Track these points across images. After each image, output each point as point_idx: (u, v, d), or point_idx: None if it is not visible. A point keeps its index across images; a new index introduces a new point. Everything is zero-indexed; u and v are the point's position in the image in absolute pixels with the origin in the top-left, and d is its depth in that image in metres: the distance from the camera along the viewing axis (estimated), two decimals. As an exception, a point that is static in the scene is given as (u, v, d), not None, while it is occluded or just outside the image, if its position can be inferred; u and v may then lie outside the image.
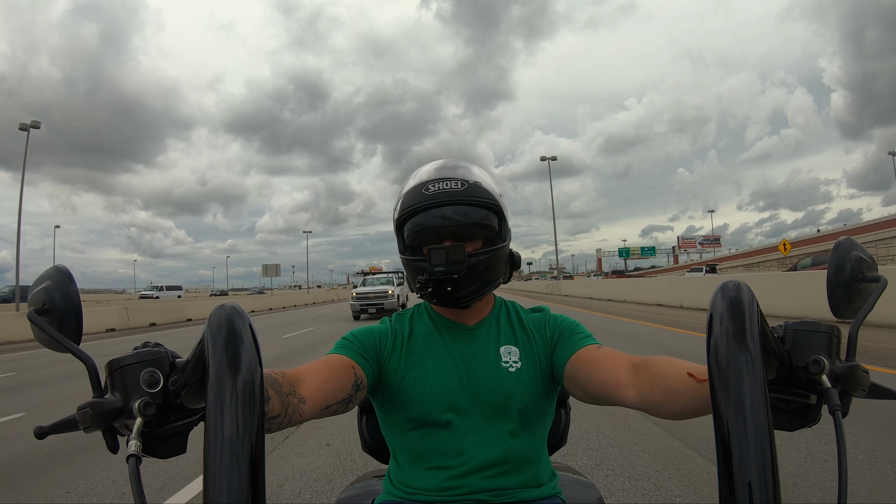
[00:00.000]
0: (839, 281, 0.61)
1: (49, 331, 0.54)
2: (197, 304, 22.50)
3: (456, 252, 0.84)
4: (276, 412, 0.63)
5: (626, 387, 0.73)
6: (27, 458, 3.35)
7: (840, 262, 0.61)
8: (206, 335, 0.42)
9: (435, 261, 0.85)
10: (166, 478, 2.83)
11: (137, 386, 0.50)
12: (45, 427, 0.52)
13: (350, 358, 0.85)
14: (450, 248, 0.84)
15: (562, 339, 0.91)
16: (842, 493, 0.45)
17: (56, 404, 5.07)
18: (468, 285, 0.87)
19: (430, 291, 0.86)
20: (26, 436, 3.13)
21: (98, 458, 3.21)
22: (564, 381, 0.87)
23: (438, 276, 0.85)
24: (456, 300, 0.89)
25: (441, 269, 0.84)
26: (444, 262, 0.84)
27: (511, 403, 0.88)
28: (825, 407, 0.51)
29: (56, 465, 3.17)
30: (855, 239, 0.62)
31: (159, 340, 0.54)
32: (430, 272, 0.85)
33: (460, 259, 0.84)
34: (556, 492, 0.92)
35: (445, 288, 0.86)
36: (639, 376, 0.72)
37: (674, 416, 0.69)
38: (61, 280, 0.57)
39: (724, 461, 0.38)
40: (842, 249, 0.62)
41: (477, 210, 0.88)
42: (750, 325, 0.41)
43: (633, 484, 2.56)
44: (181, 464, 2.96)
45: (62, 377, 6.66)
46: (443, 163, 0.94)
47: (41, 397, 5.49)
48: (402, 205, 0.90)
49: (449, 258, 0.84)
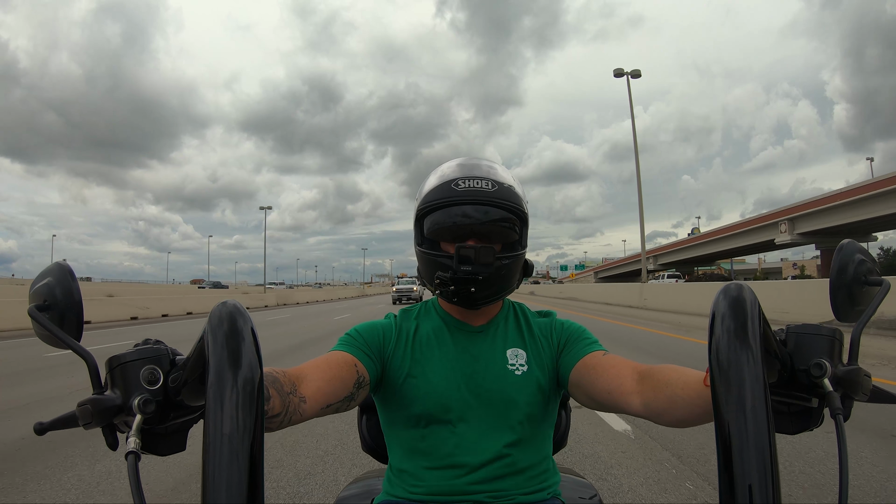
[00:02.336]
0: (842, 284, 0.60)
1: (50, 327, 0.54)
2: (304, 293, 33.10)
3: (486, 254, 0.83)
4: (276, 411, 0.63)
5: (631, 394, 0.73)
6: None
7: (843, 264, 0.60)
8: (207, 333, 0.42)
9: (463, 260, 0.83)
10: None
11: (137, 383, 0.50)
12: (44, 423, 0.52)
13: (353, 355, 0.84)
14: (480, 248, 0.83)
15: (568, 345, 0.91)
16: (842, 497, 0.45)
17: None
18: (488, 287, 0.87)
19: (453, 290, 0.85)
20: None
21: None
22: (570, 386, 0.87)
23: (464, 276, 0.83)
24: (475, 301, 0.88)
25: (468, 268, 0.83)
26: (472, 262, 0.83)
27: (515, 406, 0.87)
28: (827, 410, 0.51)
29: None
30: (857, 242, 0.60)
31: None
32: (455, 270, 0.84)
33: (489, 261, 0.83)
34: (557, 493, 0.92)
35: (469, 288, 0.85)
36: (644, 384, 0.72)
37: (678, 424, 0.69)
38: (62, 276, 0.57)
39: (725, 463, 0.38)
40: (845, 252, 0.61)
41: (504, 213, 0.87)
42: (752, 324, 0.41)
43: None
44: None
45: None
46: (471, 160, 0.93)
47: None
48: (428, 197, 0.89)
49: (478, 259, 0.83)
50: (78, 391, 4.92)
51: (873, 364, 5.73)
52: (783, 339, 0.55)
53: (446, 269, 0.85)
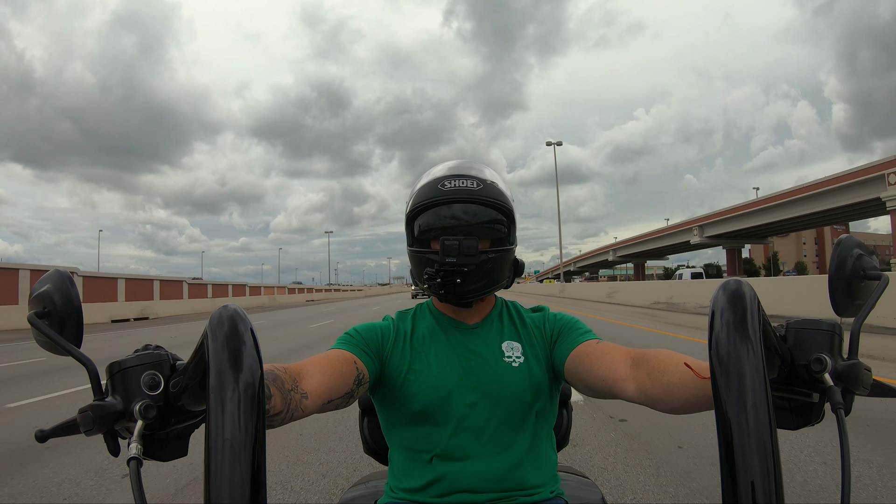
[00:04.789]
0: (840, 278, 0.60)
1: (49, 334, 0.53)
2: (349, 293, 37.33)
3: (469, 245, 0.86)
4: (278, 409, 0.64)
5: (625, 380, 0.74)
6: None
7: (841, 259, 0.60)
8: (207, 337, 0.42)
9: (447, 252, 0.86)
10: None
11: (138, 388, 0.50)
12: (46, 430, 0.52)
13: (352, 353, 0.85)
14: (463, 241, 0.86)
15: (562, 335, 0.92)
16: (845, 491, 0.45)
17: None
18: (476, 281, 0.89)
19: (439, 282, 0.87)
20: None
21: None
22: (566, 375, 0.88)
23: (449, 268, 0.86)
24: (462, 294, 0.90)
25: (453, 260, 0.86)
26: (456, 254, 0.86)
27: (514, 398, 0.88)
28: (828, 405, 0.51)
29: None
30: (855, 236, 0.63)
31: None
32: (441, 262, 0.86)
33: (473, 252, 0.86)
34: (560, 492, 0.92)
35: (455, 279, 0.87)
36: (637, 370, 0.73)
37: (675, 411, 0.69)
38: (62, 283, 0.57)
39: (727, 459, 0.38)
40: (843, 247, 0.61)
41: (490, 210, 0.90)
42: (751, 317, 0.41)
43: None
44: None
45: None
46: (459, 162, 0.96)
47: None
48: (417, 198, 0.92)
49: (462, 251, 0.86)
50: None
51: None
52: (783, 334, 0.55)
53: (434, 263, 0.88)
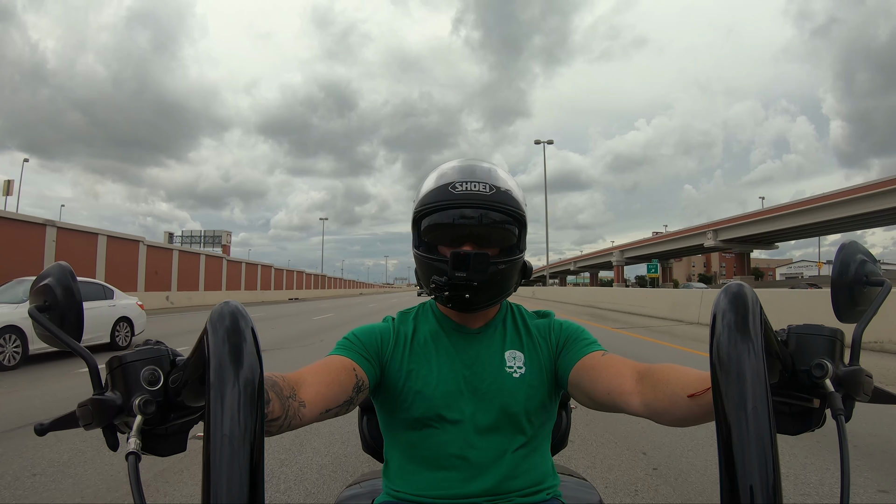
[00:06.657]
0: (843, 284, 0.60)
1: (50, 327, 0.54)
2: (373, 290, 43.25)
3: (480, 261, 0.81)
4: (276, 415, 0.63)
5: (631, 394, 0.73)
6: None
7: (844, 265, 0.60)
8: (208, 333, 0.41)
9: (457, 265, 0.82)
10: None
11: (138, 383, 0.50)
12: (45, 424, 0.53)
13: (351, 359, 0.84)
14: (475, 255, 0.81)
15: (567, 346, 0.90)
16: (844, 497, 0.45)
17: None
18: (484, 293, 0.86)
19: (447, 295, 0.84)
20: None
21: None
22: (569, 387, 0.87)
23: (458, 281, 0.82)
24: (470, 305, 0.87)
25: (463, 275, 0.82)
26: (466, 269, 0.81)
27: (513, 408, 0.87)
28: (828, 411, 0.51)
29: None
30: (859, 242, 0.63)
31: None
32: (450, 276, 0.82)
33: (484, 269, 0.82)
34: (557, 494, 0.91)
35: (464, 295, 0.84)
36: (643, 384, 0.72)
37: (678, 424, 0.68)
38: (63, 277, 0.57)
39: (726, 463, 0.38)
40: (846, 252, 0.61)
41: (502, 217, 0.86)
42: (752, 319, 0.41)
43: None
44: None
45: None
46: (471, 162, 0.91)
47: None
48: (425, 199, 0.88)
49: (473, 266, 0.81)
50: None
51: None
52: (784, 339, 0.55)
53: (442, 272, 0.84)
